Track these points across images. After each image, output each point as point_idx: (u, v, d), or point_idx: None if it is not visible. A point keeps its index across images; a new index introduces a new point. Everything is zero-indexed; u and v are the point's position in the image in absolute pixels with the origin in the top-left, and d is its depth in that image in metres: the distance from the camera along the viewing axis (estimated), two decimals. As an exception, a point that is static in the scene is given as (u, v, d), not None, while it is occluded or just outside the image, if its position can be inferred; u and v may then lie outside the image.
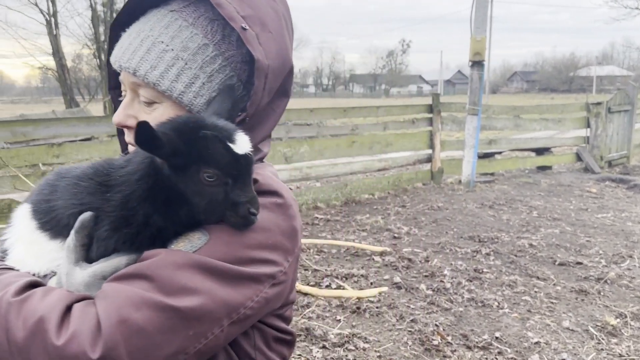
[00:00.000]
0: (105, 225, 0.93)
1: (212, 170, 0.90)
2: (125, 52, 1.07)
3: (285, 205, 1.04)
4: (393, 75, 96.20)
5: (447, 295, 4.39)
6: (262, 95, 1.06)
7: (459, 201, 7.80)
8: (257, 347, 1.10)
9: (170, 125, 0.93)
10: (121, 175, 0.96)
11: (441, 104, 8.85)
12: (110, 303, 0.82)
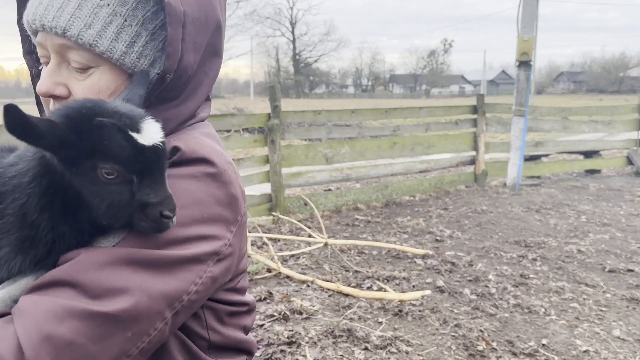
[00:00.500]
0: (6, 247, 0.81)
1: (111, 165, 0.76)
2: (49, 9, 0.92)
3: (218, 172, 0.94)
4: (434, 75, 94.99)
5: (492, 301, 4.30)
6: (183, 49, 0.94)
7: (503, 204, 7.64)
8: (209, 326, 1.03)
9: (62, 111, 0.80)
10: (12, 177, 0.83)
11: (486, 105, 8.68)
12: (29, 320, 0.73)
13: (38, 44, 0.97)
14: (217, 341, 1.04)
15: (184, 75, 0.97)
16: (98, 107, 0.78)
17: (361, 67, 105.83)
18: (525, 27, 7.93)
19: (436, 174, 8.90)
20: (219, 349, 1.05)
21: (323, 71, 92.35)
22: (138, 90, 0.90)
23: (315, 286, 4.55)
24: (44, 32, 0.93)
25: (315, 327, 3.79)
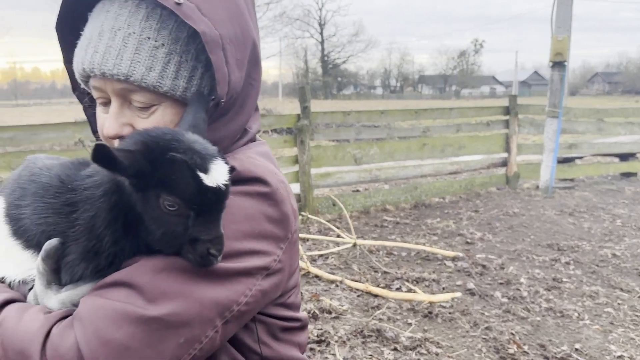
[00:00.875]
0: (73, 253, 0.87)
1: (173, 198, 0.80)
2: (107, 57, 0.94)
3: (271, 191, 0.96)
4: (464, 76, 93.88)
5: (524, 304, 4.24)
6: (228, 71, 0.95)
7: (536, 207, 7.52)
8: (261, 340, 1.05)
9: (141, 138, 0.84)
10: (86, 188, 0.88)
11: (518, 106, 8.56)
12: (87, 325, 0.77)
13: (94, 88, 1.00)
14: (270, 356, 1.07)
15: (234, 93, 1.00)
16: (175, 141, 0.81)
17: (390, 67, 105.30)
18: (559, 27, 7.79)
19: (466, 176, 8.81)
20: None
21: (351, 72, 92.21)
22: (201, 115, 0.94)
23: (344, 286, 4.56)
24: (103, 78, 0.96)
25: (345, 326, 3.81)
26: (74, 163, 0.98)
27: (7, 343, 0.76)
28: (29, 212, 0.90)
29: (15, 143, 5.11)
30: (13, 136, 5.04)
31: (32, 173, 0.95)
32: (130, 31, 0.94)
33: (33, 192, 0.92)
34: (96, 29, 0.97)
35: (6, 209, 0.93)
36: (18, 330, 0.77)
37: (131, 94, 0.97)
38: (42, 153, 1.03)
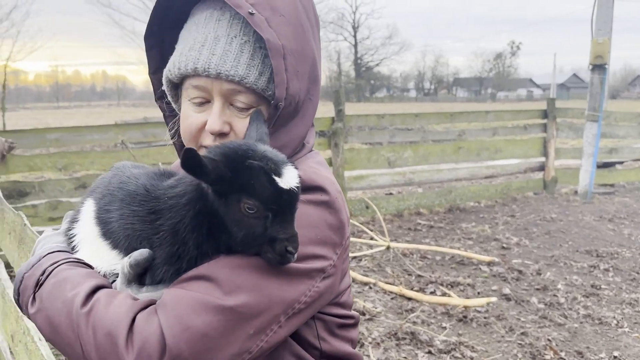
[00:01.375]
0: (157, 258, 0.94)
1: (253, 201, 0.87)
2: (224, 59, 1.03)
3: (330, 200, 1.04)
4: (501, 78, 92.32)
5: (561, 310, 4.19)
6: (286, 77, 1.03)
7: (574, 213, 7.37)
8: (320, 336, 1.13)
9: (220, 150, 0.91)
10: (170, 197, 0.95)
11: (557, 110, 8.41)
12: (170, 312, 0.84)
13: (195, 87, 1.07)
14: (328, 351, 1.14)
15: (293, 103, 1.07)
16: (251, 150, 0.89)
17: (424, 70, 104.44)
18: (599, 29, 7.63)
19: (502, 180, 8.69)
20: (330, 358, 1.15)
21: (384, 75, 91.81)
22: (263, 129, 1.02)
23: (378, 288, 4.59)
24: (212, 78, 1.04)
25: (379, 328, 3.83)
26: (157, 173, 1.06)
27: (97, 325, 0.83)
28: (116, 217, 0.98)
29: (60, 144, 5.32)
30: (59, 137, 5.25)
31: (120, 181, 1.03)
32: (246, 39, 1.05)
33: (121, 198, 1.00)
34: (210, 34, 1.06)
35: (97, 212, 1.02)
36: (107, 314, 0.84)
37: (237, 95, 1.06)
38: (127, 161, 1.11)
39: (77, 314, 0.86)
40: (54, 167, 5.27)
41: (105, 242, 0.99)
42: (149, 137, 5.68)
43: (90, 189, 1.10)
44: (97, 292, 0.89)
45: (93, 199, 1.05)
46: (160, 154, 5.77)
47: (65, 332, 0.86)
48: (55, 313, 0.88)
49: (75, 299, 0.87)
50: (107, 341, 0.81)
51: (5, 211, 2.06)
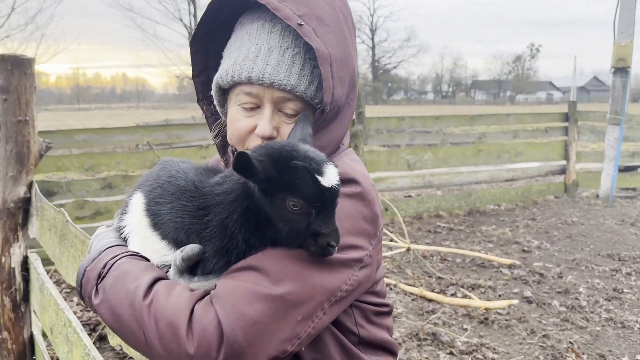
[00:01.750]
0: (208, 251, 0.99)
1: (297, 199, 0.92)
2: (278, 69, 1.10)
3: (364, 192, 1.09)
4: (520, 81, 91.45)
5: (583, 314, 4.18)
6: (332, 84, 1.10)
7: (596, 216, 7.32)
8: (358, 323, 1.19)
9: (266, 151, 0.96)
10: (217, 194, 1.00)
11: (578, 113, 8.35)
12: (226, 302, 0.90)
13: (247, 94, 1.15)
14: (366, 337, 1.21)
15: (335, 107, 1.14)
16: (295, 151, 0.94)
17: (442, 72, 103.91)
18: (622, 32, 7.57)
19: (523, 183, 8.65)
20: (367, 345, 1.22)
21: (402, 77, 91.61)
22: (307, 130, 1.08)
23: (398, 289, 4.61)
24: (265, 86, 1.12)
25: (400, 329, 3.86)
26: (204, 169, 1.11)
27: (158, 316, 0.89)
28: (166, 210, 1.04)
29: (88, 145, 5.45)
30: (87, 138, 5.38)
31: (170, 175, 1.08)
32: (297, 50, 1.13)
33: (171, 192, 1.05)
34: (264, 45, 1.13)
35: (146, 204, 1.08)
36: (168, 305, 0.90)
37: (287, 102, 1.14)
38: (170, 156, 1.16)
39: (139, 305, 0.92)
40: (81, 168, 5.39)
41: (155, 232, 1.05)
42: (172, 138, 5.78)
43: (137, 183, 1.16)
44: (156, 284, 0.95)
45: (142, 192, 1.10)
46: (183, 155, 5.87)
47: (128, 321, 0.92)
48: (119, 304, 0.94)
49: (137, 290, 0.93)
50: (169, 330, 0.87)
51: (45, 208, 2.15)
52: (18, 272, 2.47)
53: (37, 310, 2.36)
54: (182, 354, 0.86)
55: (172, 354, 0.87)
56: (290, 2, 1.10)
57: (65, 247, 1.83)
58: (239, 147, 1.20)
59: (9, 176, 2.38)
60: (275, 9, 1.08)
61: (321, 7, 1.14)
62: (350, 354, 1.18)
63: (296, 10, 1.09)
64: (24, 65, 2.28)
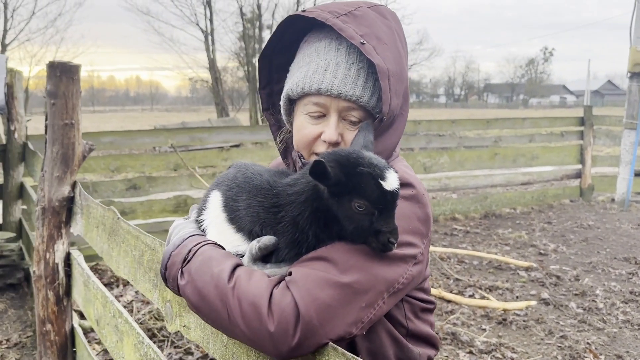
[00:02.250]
0: (282, 243, 1.10)
1: (363, 201, 1.03)
2: (345, 82, 1.24)
3: (419, 195, 1.21)
4: (533, 84, 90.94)
5: (600, 315, 4.24)
6: (390, 96, 1.21)
7: (612, 220, 7.34)
8: (407, 317, 1.32)
9: (335, 157, 1.06)
10: (289, 195, 1.12)
11: (594, 117, 8.38)
12: (301, 287, 0.99)
13: (315, 104, 1.28)
14: (413, 330, 1.34)
15: (392, 116, 1.27)
16: (360, 158, 1.06)
17: (454, 76, 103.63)
18: (639, 37, 7.60)
19: (539, 187, 8.68)
20: (414, 337, 1.35)
21: (414, 80, 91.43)
22: (369, 137, 1.20)
23: (418, 290, 4.70)
24: (332, 97, 1.25)
25: (420, 328, 3.95)
26: (277, 172, 1.24)
27: (241, 297, 1.00)
28: (243, 206, 1.17)
29: (114, 147, 5.61)
30: (113, 140, 5.54)
31: (245, 176, 1.21)
32: (361, 65, 1.26)
33: (248, 190, 1.18)
34: (332, 60, 1.27)
35: (224, 201, 1.21)
36: (250, 288, 1.01)
37: (351, 111, 1.27)
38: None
39: (224, 286, 1.03)
40: (107, 169, 5.55)
41: (231, 226, 1.17)
42: (195, 141, 5.92)
43: (214, 183, 1.29)
44: (237, 269, 1.06)
45: (219, 190, 1.24)
46: (205, 157, 6.01)
47: (214, 301, 1.04)
48: (204, 285, 1.06)
49: (221, 274, 1.04)
50: (252, 310, 0.98)
51: (92, 207, 2.27)
52: (61, 268, 2.60)
53: (80, 304, 2.48)
54: (264, 331, 0.96)
55: (254, 330, 0.97)
56: (353, 24, 1.23)
57: (116, 243, 1.95)
58: (304, 151, 1.32)
59: (55, 176, 2.51)
60: (340, 30, 1.20)
61: (380, 28, 1.27)
62: (400, 344, 1.30)
63: (358, 31, 1.22)
64: (72, 72, 2.42)
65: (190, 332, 1.35)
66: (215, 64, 23.79)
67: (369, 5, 1.31)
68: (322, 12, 1.25)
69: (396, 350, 1.30)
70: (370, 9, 1.30)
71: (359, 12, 1.27)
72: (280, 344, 0.95)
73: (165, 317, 1.49)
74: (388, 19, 1.31)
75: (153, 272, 1.59)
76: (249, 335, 0.98)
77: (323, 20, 1.22)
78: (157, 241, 1.57)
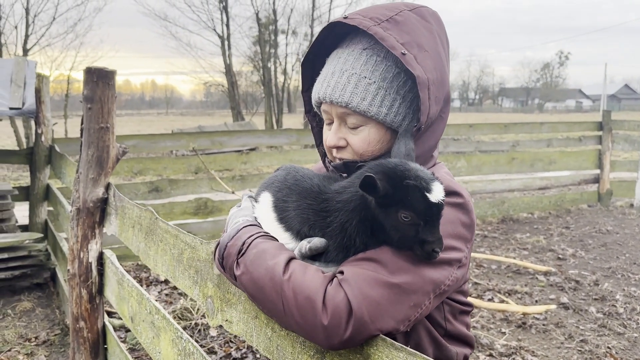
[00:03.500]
0: (330, 246, 1.14)
1: (409, 212, 1.05)
2: (335, 89, 1.29)
3: (465, 202, 1.24)
4: (548, 89, 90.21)
5: (620, 320, 4.24)
6: (429, 105, 1.22)
7: (630, 226, 7.30)
8: (446, 318, 1.36)
9: (382, 169, 1.09)
10: (338, 202, 1.15)
11: (612, 122, 8.35)
12: (353, 285, 1.02)
13: (324, 111, 1.36)
14: (451, 331, 1.39)
15: (430, 122, 1.29)
16: (407, 171, 1.08)
17: (468, 80, 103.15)
18: (659, 41, 7.56)
19: (556, 192, 8.65)
20: (452, 338, 1.40)
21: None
22: (410, 145, 1.22)
23: (436, 294, 4.73)
24: (330, 104, 1.31)
25: (440, 331, 3.98)
26: (325, 177, 1.29)
27: (297, 290, 1.04)
28: (293, 207, 1.22)
29: (137, 150, 5.71)
30: (136, 144, 5.64)
31: (295, 179, 1.27)
32: (353, 72, 1.29)
33: (298, 192, 1.23)
34: (331, 69, 1.33)
35: (274, 202, 1.26)
36: (305, 282, 1.05)
37: (347, 116, 1.32)
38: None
39: (279, 279, 1.07)
40: (130, 171, 5.66)
41: (280, 225, 1.23)
42: (216, 144, 6.02)
43: (264, 184, 1.35)
44: (291, 263, 1.11)
45: (269, 191, 1.30)
46: (225, 160, 6.10)
47: (270, 292, 1.08)
48: (260, 276, 1.11)
49: (275, 267, 1.09)
50: (307, 303, 1.02)
51: (128, 207, 2.35)
52: (94, 267, 2.69)
53: (113, 302, 2.56)
54: (318, 323, 1.01)
55: (308, 322, 1.02)
56: (395, 31, 1.24)
57: (154, 242, 2.02)
58: (328, 156, 1.41)
59: (90, 178, 2.60)
60: (382, 39, 1.22)
61: (422, 34, 1.27)
62: (438, 344, 1.35)
63: (400, 39, 1.23)
64: (108, 77, 2.50)
65: (233, 326, 1.41)
66: (231, 68, 23.97)
67: (410, 8, 1.31)
68: (363, 20, 1.26)
69: (434, 350, 1.35)
70: (411, 12, 1.30)
71: (401, 18, 1.27)
72: (332, 336, 1.00)
73: (207, 313, 1.55)
74: (430, 22, 1.32)
75: (193, 269, 1.66)
76: (303, 326, 1.04)
77: (365, 28, 1.24)
78: (197, 239, 1.64)
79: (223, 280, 1.47)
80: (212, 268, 1.53)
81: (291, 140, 6.39)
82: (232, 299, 1.42)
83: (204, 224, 5.79)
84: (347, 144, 1.34)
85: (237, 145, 6.30)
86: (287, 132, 6.41)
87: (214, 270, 1.52)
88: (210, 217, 5.86)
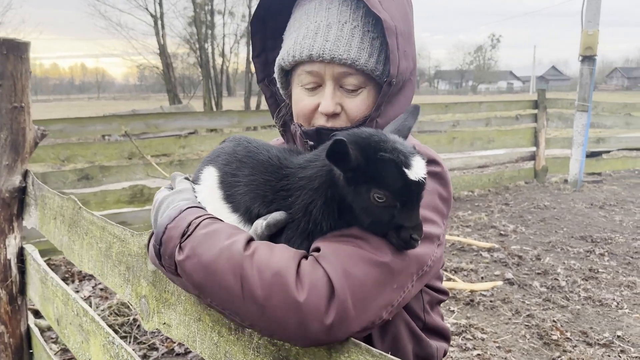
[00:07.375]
0: (291, 231, 0.97)
1: (383, 192, 0.88)
2: (337, 44, 1.10)
3: (442, 172, 1.11)
4: (481, 71, 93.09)
5: (563, 293, 4.33)
6: (398, 56, 1.10)
7: (566, 201, 7.56)
8: (425, 309, 1.23)
9: (352, 138, 0.91)
10: (301, 179, 0.97)
11: (547, 100, 8.58)
12: (333, 261, 0.87)
13: (309, 73, 1.15)
14: (429, 323, 1.26)
15: (401, 81, 1.14)
16: (382, 142, 0.90)
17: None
18: (589, 21, 7.80)
19: (494, 170, 8.84)
20: (430, 331, 1.26)
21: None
22: (409, 123, 1.05)
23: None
24: (325, 62, 1.12)
25: (390, 313, 3.92)
26: (287, 149, 1.09)
27: (262, 265, 0.86)
28: (244, 184, 1.02)
29: (65, 135, 5.29)
30: (62, 128, 5.22)
31: (249, 150, 1.07)
32: (355, 24, 1.12)
33: (251, 166, 1.03)
34: (322, 21, 1.13)
35: (220, 176, 1.06)
36: (273, 257, 0.87)
37: (347, 77, 1.13)
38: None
39: (239, 257, 0.88)
40: (57, 158, 5.24)
41: (227, 205, 1.03)
42: (151, 127, 5.66)
43: (207, 158, 1.14)
44: (253, 242, 0.93)
45: (214, 166, 1.09)
46: (162, 145, 5.78)
47: (224, 276, 0.88)
48: (212, 259, 0.90)
49: (233, 245, 0.90)
50: (275, 280, 0.84)
51: (48, 197, 2.09)
52: (14, 264, 2.40)
53: (37, 303, 2.30)
54: (290, 301, 0.82)
55: (277, 305, 0.83)
56: None
57: (78, 235, 1.79)
58: (305, 123, 1.21)
59: (4, 165, 2.30)
60: None
61: None
62: (418, 339, 1.21)
63: None
64: (20, 50, 2.20)
65: (172, 330, 1.23)
66: (165, 49, 23.08)
67: None
68: None
69: (415, 347, 1.21)
70: None
71: None
72: (310, 321, 0.81)
73: (141, 315, 1.36)
74: None
75: (124, 265, 1.45)
76: (268, 311, 0.84)
77: None
78: (127, 231, 1.43)
79: (159, 278, 1.27)
80: (145, 264, 1.33)
81: (233, 123, 6.12)
82: (171, 298, 1.23)
83: (140, 213, 5.46)
84: (341, 111, 1.16)
85: (175, 128, 5.99)
86: (228, 113, 6.12)
87: (148, 266, 1.31)
88: (147, 205, 5.53)
